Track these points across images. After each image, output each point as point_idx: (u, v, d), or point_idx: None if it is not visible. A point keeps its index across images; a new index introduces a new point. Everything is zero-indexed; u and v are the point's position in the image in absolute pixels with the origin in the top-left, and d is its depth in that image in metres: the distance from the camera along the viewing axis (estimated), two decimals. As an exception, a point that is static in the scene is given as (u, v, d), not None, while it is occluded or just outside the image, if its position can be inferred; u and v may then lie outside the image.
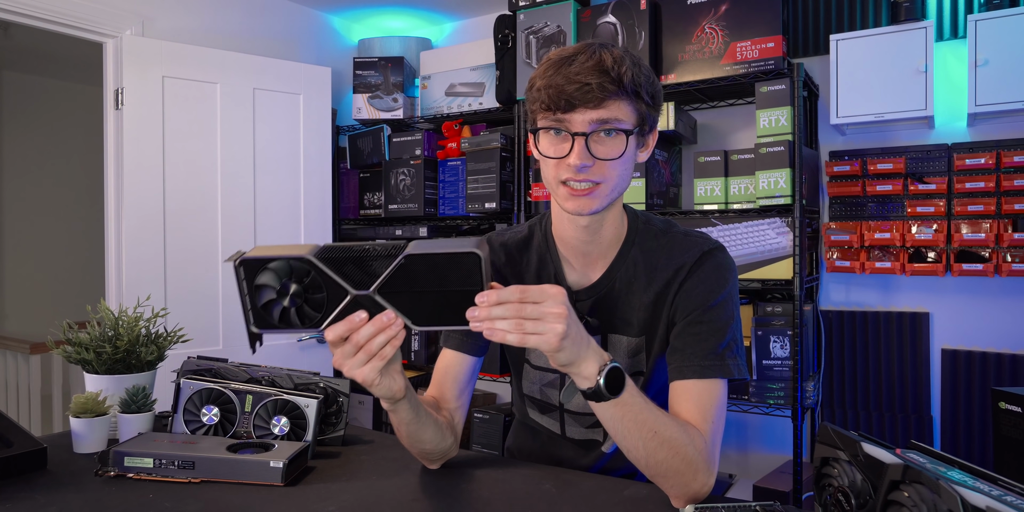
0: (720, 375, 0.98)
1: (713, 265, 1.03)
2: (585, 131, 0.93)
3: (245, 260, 0.78)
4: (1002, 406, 1.13)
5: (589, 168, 0.94)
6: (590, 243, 1.05)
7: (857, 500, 0.78)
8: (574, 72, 0.91)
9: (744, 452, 2.60)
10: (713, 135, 2.65)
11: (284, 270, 0.78)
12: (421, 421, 0.99)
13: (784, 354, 2.19)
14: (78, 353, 1.23)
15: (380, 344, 0.79)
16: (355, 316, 0.78)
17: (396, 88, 3.02)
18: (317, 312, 0.79)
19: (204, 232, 2.61)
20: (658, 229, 1.08)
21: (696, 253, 1.03)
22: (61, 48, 4.08)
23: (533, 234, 1.14)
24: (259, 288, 0.78)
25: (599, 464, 1.15)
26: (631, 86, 0.92)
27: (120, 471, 1.05)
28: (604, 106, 0.92)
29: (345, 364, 0.81)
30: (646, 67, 0.97)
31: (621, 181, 0.98)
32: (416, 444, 1.04)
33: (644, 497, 0.98)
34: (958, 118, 2.25)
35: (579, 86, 0.90)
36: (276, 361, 2.60)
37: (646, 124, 0.98)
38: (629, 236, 1.07)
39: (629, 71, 0.92)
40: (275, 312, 0.79)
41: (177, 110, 2.55)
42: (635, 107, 0.95)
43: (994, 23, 1.99)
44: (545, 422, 1.18)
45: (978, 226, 2.19)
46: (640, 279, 1.05)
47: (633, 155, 0.98)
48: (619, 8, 2.41)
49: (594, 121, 0.92)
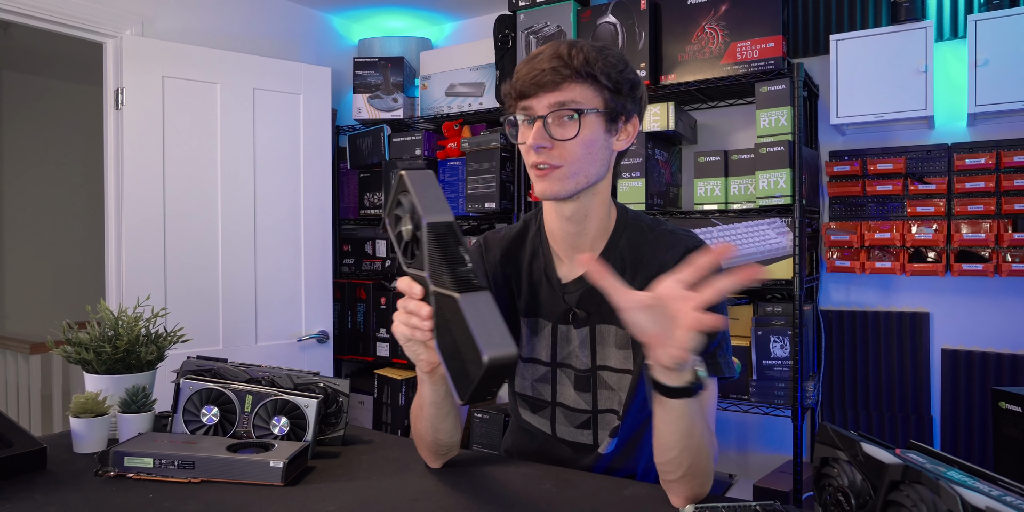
0: (712, 373, 1.00)
1: None
2: (544, 114, 0.98)
3: (406, 170, 0.89)
4: (1002, 406, 1.13)
5: (548, 150, 0.99)
6: (576, 235, 1.08)
7: (857, 500, 0.78)
8: (536, 62, 0.99)
9: (744, 452, 2.60)
10: (713, 135, 2.65)
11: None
12: (446, 408, 1.03)
13: (784, 354, 2.19)
14: (78, 353, 1.23)
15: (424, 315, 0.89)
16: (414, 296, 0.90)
17: (396, 88, 3.02)
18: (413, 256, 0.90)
19: (204, 232, 2.61)
20: (646, 225, 1.10)
21: (680, 251, 1.04)
22: (61, 48, 4.08)
23: (528, 228, 1.18)
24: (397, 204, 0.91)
25: (597, 466, 1.15)
26: (583, 69, 0.97)
27: (120, 471, 1.05)
28: (560, 89, 0.98)
29: (397, 316, 0.91)
30: (615, 57, 1.01)
31: (586, 165, 1.01)
32: (433, 433, 1.05)
33: (644, 497, 0.98)
34: (958, 118, 2.25)
35: (538, 72, 0.98)
36: (276, 361, 2.61)
37: (618, 111, 1.01)
38: (617, 229, 1.09)
39: (582, 56, 0.98)
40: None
41: (177, 110, 2.55)
42: (597, 91, 0.99)
43: (994, 23, 1.99)
44: (536, 422, 1.19)
45: (978, 226, 2.19)
46: (626, 273, 1.07)
47: (600, 140, 1.01)
48: (619, 8, 2.41)
49: (552, 104, 0.98)
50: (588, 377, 1.11)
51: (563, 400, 1.14)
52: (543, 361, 1.14)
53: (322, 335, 2.91)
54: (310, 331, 2.88)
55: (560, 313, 1.11)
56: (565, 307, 1.11)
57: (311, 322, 2.89)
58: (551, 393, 1.15)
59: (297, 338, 2.85)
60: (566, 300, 1.10)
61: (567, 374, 1.13)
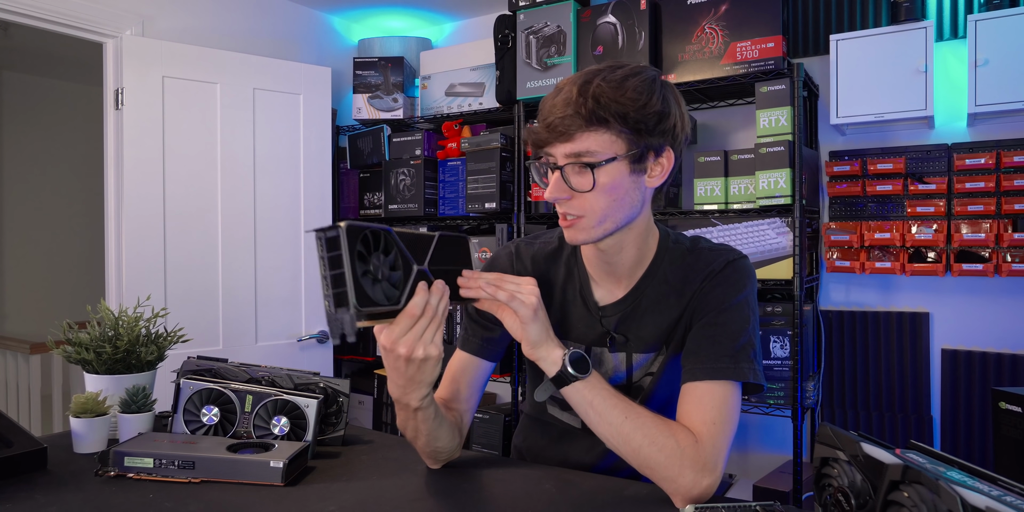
0: (731, 377, 0.97)
1: (733, 271, 1.04)
2: (561, 164, 0.95)
3: (351, 227, 0.72)
4: (1002, 406, 1.13)
5: (567, 201, 0.96)
6: (611, 264, 1.07)
7: (857, 500, 0.78)
8: (553, 105, 0.94)
9: (744, 452, 2.60)
10: (713, 135, 2.65)
11: (374, 243, 0.76)
12: (440, 420, 1.02)
13: (784, 354, 2.19)
14: (78, 353, 1.23)
15: (443, 312, 0.85)
16: (438, 283, 0.84)
17: (396, 88, 3.02)
18: (396, 290, 0.79)
19: (204, 232, 2.61)
20: (686, 248, 1.09)
21: (721, 263, 1.05)
22: (61, 48, 4.08)
23: (563, 247, 1.15)
24: (361, 258, 0.72)
25: (605, 462, 1.15)
26: (595, 115, 0.91)
27: (120, 471, 1.05)
28: (574, 139, 0.93)
29: (420, 342, 0.83)
30: (636, 89, 0.92)
31: (613, 212, 0.96)
32: (432, 443, 1.05)
33: (644, 497, 0.98)
34: (958, 118, 2.25)
35: (553, 120, 0.93)
36: (276, 361, 2.61)
37: (643, 151, 0.95)
38: (658, 256, 1.08)
39: (592, 101, 0.90)
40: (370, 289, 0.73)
41: (177, 110, 2.55)
42: (615, 136, 0.93)
43: (994, 23, 1.99)
44: (565, 418, 1.19)
45: (978, 226, 2.19)
46: (670, 298, 1.06)
47: (624, 184, 0.95)
48: (619, 8, 2.41)
49: (568, 155, 0.94)
50: (621, 383, 1.11)
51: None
52: None
53: (322, 335, 2.91)
54: (310, 331, 2.88)
55: (596, 336, 1.10)
56: (602, 330, 1.09)
57: (311, 322, 2.89)
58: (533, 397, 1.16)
59: (297, 338, 2.85)
60: (603, 323, 1.09)
61: None
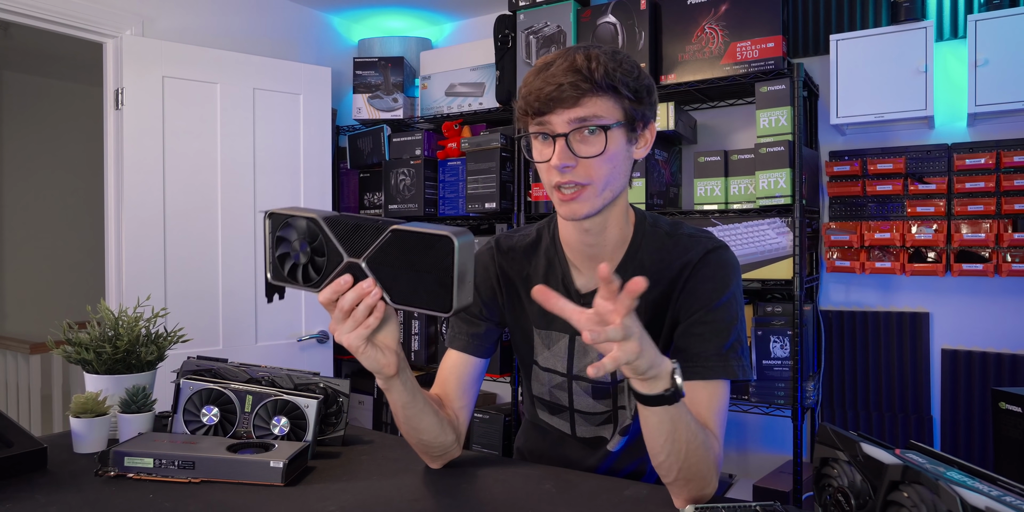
0: (723, 376, 0.98)
1: (717, 264, 1.03)
2: (565, 131, 0.93)
3: (272, 213, 0.88)
4: (1002, 406, 1.13)
5: (572, 169, 0.94)
6: (594, 246, 1.05)
7: (857, 500, 0.78)
8: (551, 75, 0.93)
9: (744, 452, 2.60)
10: (713, 135, 2.65)
11: (301, 230, 0.86)
12: (418, 406, 0.99)
13: (784, 354, 2.19)
14: (78, 353, 1.23)
15: (363, 312, 0.83)
16: (341, 279, 0.83)
17: (396, 88, 3.02)
18: (317, 274, 0.86)
19: (204, 232, 2.61)
20: (664, 231, 1.07)
21: (700, 252, 1.03)
22: (61, 48, 4.08)
23: (541, 237, 1.14)
24: (279, 241, 0.87)
25: (606, 463, 1.15)
26: (604, 81, 0.92)
27: (120, 471, 1.05)
28: (581, 104, 0.92)
29: (336, 329, 0.85)
30: (629, 63, 0.96)
31: (612, 180, 0.97)
32: (414, 433, 1.03)
33: (644, 497, 0.98)
34: (958, 118, 2.25)
35: (555, 87, 0.92)
36: (276, 361, 2.61)
37: (636, 120, 0.97)
38: (635, 238, 1.06)
39: (601, 67, 0.92)
40: (286, 267, 0.87)
41: (177, 110, 2.55)
42: (617, 103, 0.94)
43: (994, 23, 1.99)
44: (555, 422, 1.19)
45: (978, 226, 2.19)
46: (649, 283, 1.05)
47: (623, 152, 0.97)
48: (619, 8, 2.41)
49: (572, 120, 0.93)
50: (607, 388, 1.11)
51: (580, 407, 1.14)
52: (559, 372, 1.13)
53: (322, 335, 2.91)
54: (310, 331, 2.88)
55: None
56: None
57: (311, 322, 2.89)
58: (568, 400, 1.15)
59: (297, 338, 2.85)
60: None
61: (583, 387, 1.12)
